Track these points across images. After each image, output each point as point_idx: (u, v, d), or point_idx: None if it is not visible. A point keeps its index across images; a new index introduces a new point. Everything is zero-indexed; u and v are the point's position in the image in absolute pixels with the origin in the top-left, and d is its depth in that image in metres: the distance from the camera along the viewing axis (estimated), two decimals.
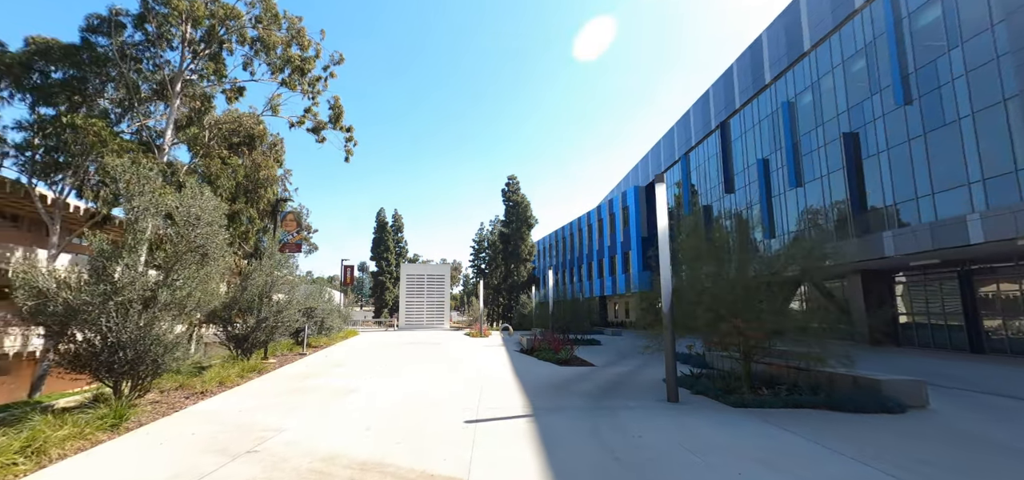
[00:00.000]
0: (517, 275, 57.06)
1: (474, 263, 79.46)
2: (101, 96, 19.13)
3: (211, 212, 7.98)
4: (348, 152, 23.12)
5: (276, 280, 13.38)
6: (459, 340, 23.69)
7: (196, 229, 7.63)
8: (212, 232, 7.90)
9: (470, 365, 13.04)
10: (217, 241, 8.02)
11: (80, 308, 6.41)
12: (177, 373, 8.58)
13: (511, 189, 61.64)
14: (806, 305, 11.36)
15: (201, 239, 7.71)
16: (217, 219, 8.17)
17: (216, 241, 8.00)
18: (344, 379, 10.33)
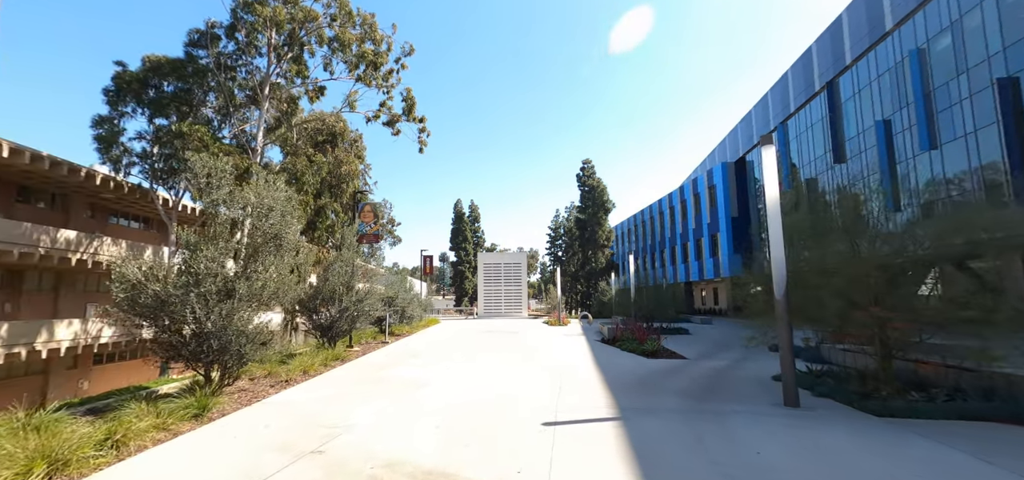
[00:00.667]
0: (595, 261, 55.45)
1: (550, 250, 78.83)
2: (204, 105, 20.84)
3: (283, 202, 7.97)
4: (422, 143, 23.37)
5: (356, 271, 13.60)
6: (537, 328, 23.14)
7: (268, 219, 7.63)
8: (285, 222, 7.88)
9: (548, 356, 12.35)
10: (289, 232, 8.00)
11: (167, 300, 6.60)
12: (261, 363, 8.77)
13: (586, 174, 59.87)
14: (944, 289, 9.23)
15: (274, 229, 7.71)
16: (289, 209, 8.16)
17: (289, 231, 7.98)
18: (420, 369, 10.11)
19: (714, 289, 43.92)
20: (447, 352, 13.38)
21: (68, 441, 4.21)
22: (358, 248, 14.15)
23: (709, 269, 40.31)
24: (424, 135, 23.28)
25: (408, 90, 22.85)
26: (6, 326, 17.96)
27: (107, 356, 25.70)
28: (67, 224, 22.84)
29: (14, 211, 20.54)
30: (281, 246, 7.88)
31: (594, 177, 59.04)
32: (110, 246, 22.91)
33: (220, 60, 20.27)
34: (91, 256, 21.74)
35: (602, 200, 56.91)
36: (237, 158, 18.09)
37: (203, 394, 6.27)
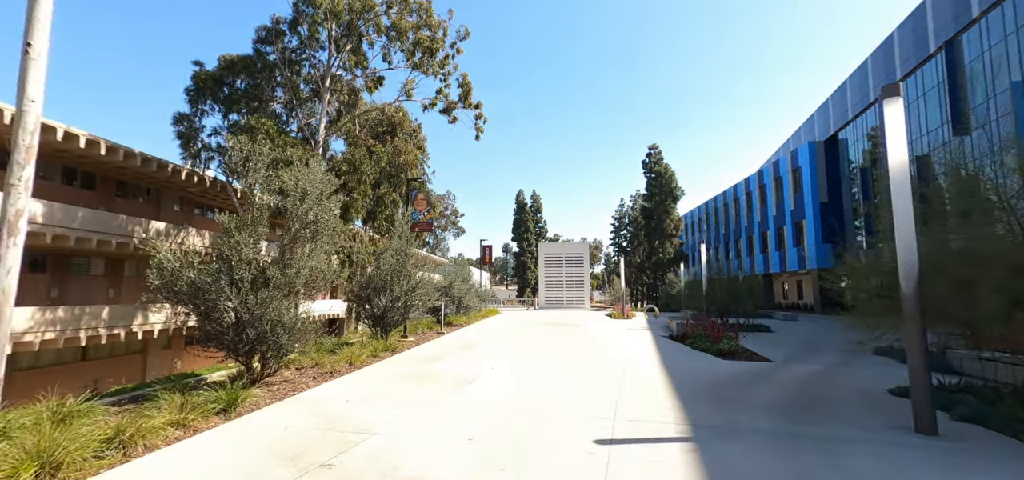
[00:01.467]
0: (662, 252, 52.62)
1: (614, 241, 76.29)
2: (272, 101, 21.61)
3: (319, 185, 7.56)
4: (478, 130, 22.86)
5: (408, 259, 13.25)
6: (599, 321, 21.92)
7: (304, 203, 7.23)
8: (321, 207, 7.47)
9: (608, 353, 11.24)
10: (327, 216, 7.58)
11: (202, 287, 6.37)
12: (303, 353, 8.51)
13: (652, 160, 56.86)
14: None
15: (311, 214, 7.32)
16: (326, 191, 7.75)
17: (326, 216, 7.56)
18: (469, 364, 9.46)
19: (798, 282, 39.93)
20: (500, 345, 12.68)
21: (75, 439, 3.89)
22: (411, 236, 13.80)
23: (792, 260, 36.61)
24: (480, 122, 22.76)
25: (464, 75, 22.38)
26: (107, 310, 19.76)
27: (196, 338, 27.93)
28: (158, 216, 24.84)
29: (113, 205, 22.59)
30: (318, 232, 7.48)
31: (661, 163, 55.93)
32: (194, 236, 24.63)
33: (285, 55, 20.90)
34: (179, 245, 23.49)
35: (670, 187, 53.80)
36: (300, 150, 18.50)
37: (235, 387, 5.94)
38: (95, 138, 18.97)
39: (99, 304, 20.70)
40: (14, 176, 7.94)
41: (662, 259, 52.23)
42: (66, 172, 20.72)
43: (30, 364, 18.99)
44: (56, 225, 17.45)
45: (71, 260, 21.08)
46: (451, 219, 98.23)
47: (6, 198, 7.76)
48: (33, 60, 8.06)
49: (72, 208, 18.17)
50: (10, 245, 7.70)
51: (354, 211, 19.43)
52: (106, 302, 21.92)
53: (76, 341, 18.82)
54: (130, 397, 6.83)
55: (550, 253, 39.54)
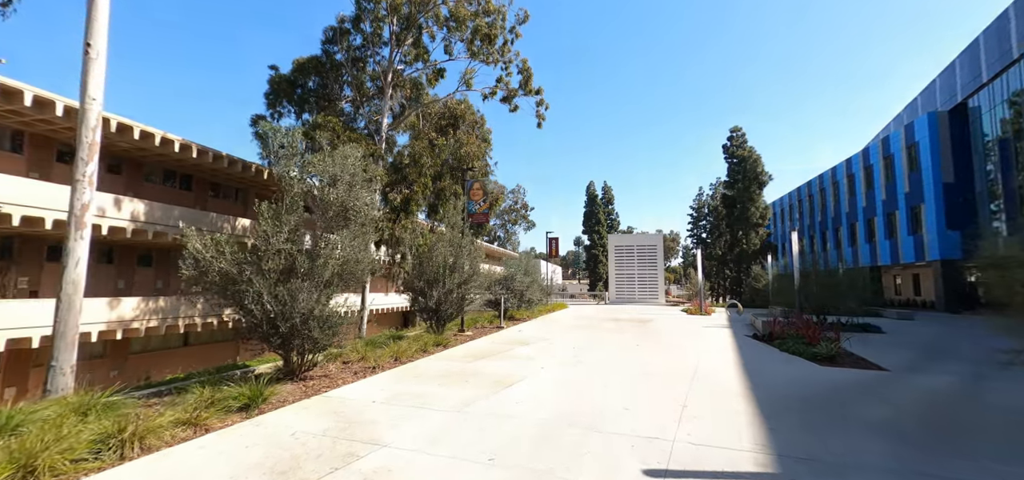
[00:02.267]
0: (746, 243, 48.38)
1: (692, 232, 71.82)
2: (339, 99, 22.28)
3: (351, 169, 7.17)
4: (540, 117, 21.99)
5: (462, 251, 12.76)
6: (673, 318, 20.22)
7: (335, 189, 6.87)
8: (352, 193, 7.07)
9: (679, 354, 9.94)
10: (359, 203, 7.17)
11: (232, 277, 6.20)
12: (338, 347, 8.23)
13: (735, 143, 52.38)
14: None
15: (340, 200, 6.94)
16: (358, 176, 7.34)
17: (358, 203, 7.16)
18: (518, 363, 8.71)
19: (914, 275, 34.64)
20: (557, 342, 11.80)
21: (63, 440, 3.66)
22: (465, 226, 13.31)
23: (907, 250, 31.74)
24: (542, 109, 21.87)
25: (524, 61, 21.62)
26: (201, 301, 21.55)
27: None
28: (245, 214, 26.78)
29: (207, 204, 24.67)
30: (350, 220, 7.10)
31: (745, 147, 51.37)
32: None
33: (351, 54, 21.43)
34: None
35: (755, 172, 49.26)
36: (363, 145, 18.83)
37: (260, 383, 5.66)
38: (188, 142, 20.70)
39: (195, 295, 22.72)
40: (79, 171, 8.37)
41: (746, 251, 48.06)
42: (166, 174, 22.88)
43: (141, 348, 21.22)
44: (156, 222, 19.22)
45: (171, 254, 23.27)
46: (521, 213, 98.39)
47: (72, 193, 8.20)
48: (93, 60, 8.46)
49: (170, 207, 19.93)
50: (78, 238, 8.13)
51: (415, 204, 19.48)
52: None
53: (176, 328, 20.70)
54: (178, 387, 6.89)
55: (620, 245, 37.73)
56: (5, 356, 16.04)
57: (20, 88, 15.26)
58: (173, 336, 22.22)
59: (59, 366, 7.46)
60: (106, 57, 7.74)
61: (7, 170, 15.82)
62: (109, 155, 20.06)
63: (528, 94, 21.85)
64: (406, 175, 19.54)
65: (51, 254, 18.65)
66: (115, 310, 17.50)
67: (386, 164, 20.03)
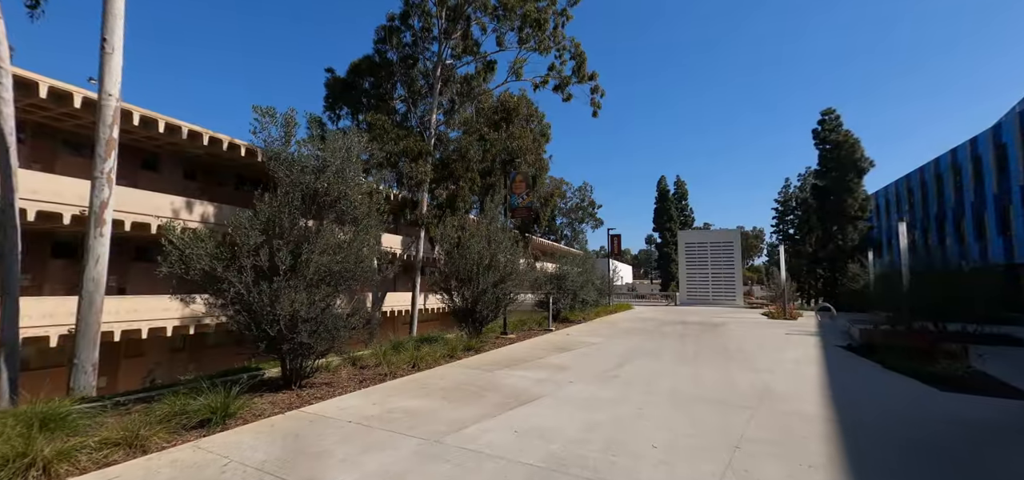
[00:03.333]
0: (842, 238, 42.92)
1: (777, 228, 65.74)
2: (392, 98, 22.31)
3: (342, 156, 6.44)
4: (594, 105, 20.53)
5: (499, 247, 11.81)
6: (749, 322, 17.88)
7: (322, 177, 6.17)
8: (343, 182, 6.34)
9: (747, 368, 8.23)
10: (352, 192, 6.43)
11: (214, 276, 5.71)
12: (338, 352, 7.56)
13: (827, 127, 46.71)
14: None
15: (332, 191, 6.24)
16: (350, 164, 6.60)
17: (351, 192, 6.42)
18: (544, 374, 7.59)
19: None
20: (603, 350, 10.47)
21: None
22: (504, 220, 12.36)
23: None
24: (597, 96, 20.40)
25: (577, 45, 20.26)
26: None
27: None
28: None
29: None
30: (342, 212, 6.39)
31: (840, 131, 45.65)
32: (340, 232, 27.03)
33: (402, 51, 21.35)
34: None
35: (852, 158, 43.55)
36: (410, 142, 18.55)
37: (229, 394, 5.03)
38: (254, 147, 21.73)
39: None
40: (97, 169, 8.37)
41: (842, 247, 42.65)
42: (238, 178, 24.28)
43: (216, 342, 22.61)
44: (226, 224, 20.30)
45: None
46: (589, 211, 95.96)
47: (92, 191, 8.28)
48: (109, 55, 8.44)
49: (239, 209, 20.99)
50: (98, 236, 8.13)
51: (461, 200, 18.89)
52: None
53: None
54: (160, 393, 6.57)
55: (691, 242, 34.90)
56: None
57: (71, 89, 16.26)
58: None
59: (81, 364, 7.47)
60: (122, 52, 7.70)
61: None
62: (183, 161, 21.54)
63: (581, 81, 20.48)
64: (452, 170, 19.01)
65: (57, 251, 18.42)
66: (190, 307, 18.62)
67: (434, 161, 19.63)
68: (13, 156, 7.81)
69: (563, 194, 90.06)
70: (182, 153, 20.93)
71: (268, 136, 6.23)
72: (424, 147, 18.91)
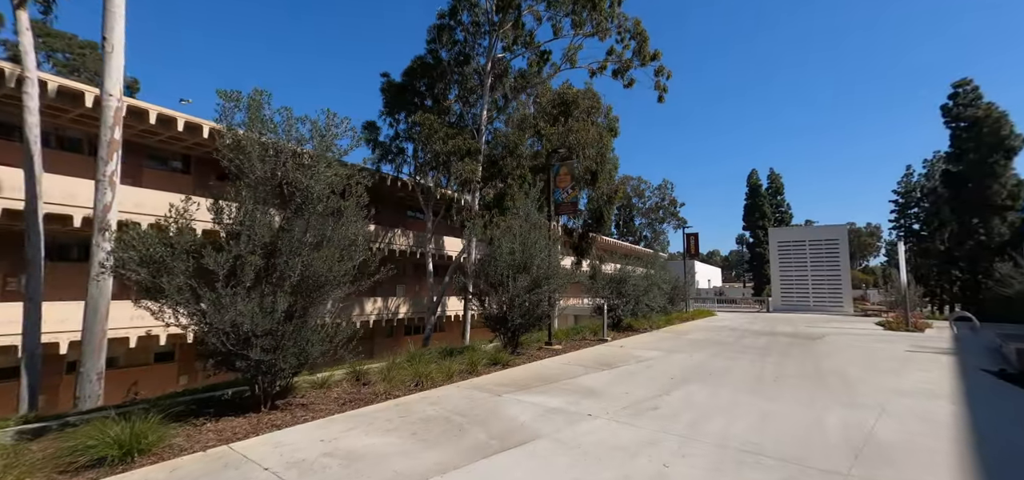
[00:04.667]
0: (985, 232, 35.57)
1: (897, 223, 56.83)
2: (445, 99, 21.83)
3: (297, 135, 5.51)
4: (660, 88, 18.35)
5: (538, 247, 10.46)
6: (858, 335, 14.75)
7: (263, 165, 5.26)
8: (310, 174, 5.41)
9: (845, 405, 6.11)
10: (318, 186, 5.48)
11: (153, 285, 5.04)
12: (317, 368, 6.66)
13: (961, 102, 39.26)
14: None
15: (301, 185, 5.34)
16: (321, 153, 5.66)
17: (317, 186, 5.48)
18: (565, 401, 6.15)
19: None
20: (657, 367, 8.71)
21: None
22: (544, 217, 11.01)
23: None
24: (662, 78, 18.21)
25: (637, 22, 18.22)
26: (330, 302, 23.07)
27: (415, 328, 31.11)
28: (379, 221, 28.36)
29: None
30: (304, 210, 5.48)
31: (979, 105, 38.14)
32: (400, 237, 27.25)
33: (454, 49, 20.80)
34: (386, 245, 26.26)
35: (998, 136, 36.04)
36: (460, 141, 17.82)
37: (135, 425, 4.20)
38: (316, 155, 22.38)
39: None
40: (100, 171, 8.19)
41: (985, 243, 35.33)
42: None
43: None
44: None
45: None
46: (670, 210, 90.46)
47: (95, 194, 8.21)
48: (108, 54, 8.23)
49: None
50: (102, 240, 8.14)
51: (510, 198, 17.72)
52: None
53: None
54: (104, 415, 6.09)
55: (786, 241, 30.71)
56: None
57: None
58: None
59: (86, 373, 7.33)
60: (123, 50, 7.56)
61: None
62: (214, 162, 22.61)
63: (644, 63, 18.41)
64: (500, 167, 17.95)
65: (58, 253, 17.66)
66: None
67: (484, 159, 18.74)
68: (38, 163, 7.93)
69: (641, 193, 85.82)
70: (210, 154, 21.89)
71: (232, 122, 5.50)
72: (473, 145, 18.08)
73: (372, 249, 6.55)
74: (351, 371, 7.60)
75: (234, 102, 5.56)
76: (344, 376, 7.50)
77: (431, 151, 18.69)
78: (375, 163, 21.64)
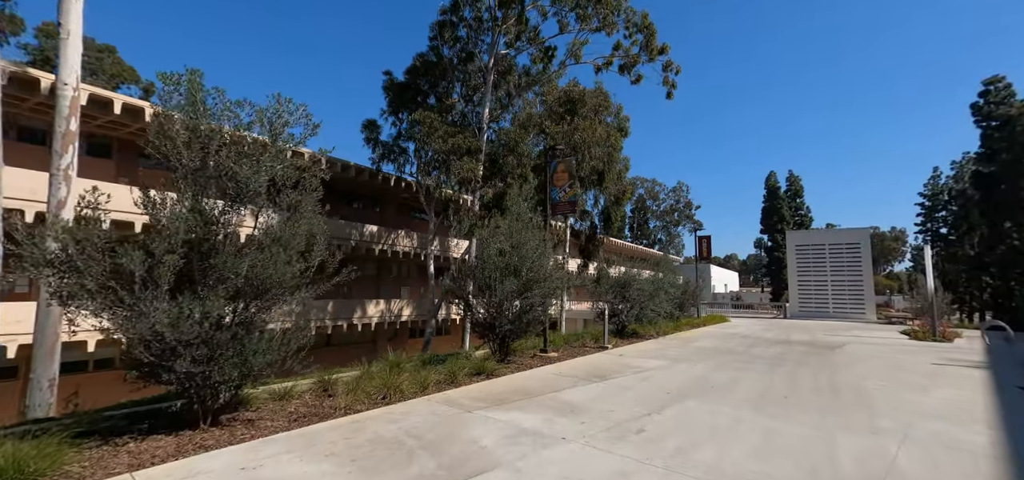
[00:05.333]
0: (1018, 237, 33.71)
1: (924, 226, 54.50)
2: (449, 97, 21.32)
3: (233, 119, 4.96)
4: (669, 85, 17.57)
5: (529, 249, 9.82)
6: (880, 345, 13.76)
7: (188, 151, 4.69)
8: (245, 164, 4.85)
9: (861, 430, 5.34)
10: (255, 180, 4.92)
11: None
12: (329, 374, 6.08)
13: (994, 100, 37.43)
14: None
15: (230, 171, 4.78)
16: (263, 143, 5.11)
17: (257, 180, 4.91)
18: (535, 419, 5.51)
19: None
20: (653, 380, 8.00)
21: None
22: (538, 215, 10.38)
23: None
24: (671, 74, 17.41)
25: (644, 16, 17.44)
26: (332, 304, 22.74)
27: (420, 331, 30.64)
28: (382, 222, 27.97)
29: (344, 212, 26.30)
30: (240, 202, 4.93)
31: (1012, 102, 36.29)
32: (403, 238, 26.81)
33: (456, 46, 20.30)
34: (390, 246, 25.83)
35: None
36: (460, 139, 17.28)
37: (46, 443, 3.72)
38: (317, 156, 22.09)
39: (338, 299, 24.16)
40: (54, 165, 7.84)
41: (1019, 249, 33.51)
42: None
43: None
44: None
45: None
46: (685, 213, 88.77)
47: (49, 189, 7.82)
48: (64, 40, 7.80)
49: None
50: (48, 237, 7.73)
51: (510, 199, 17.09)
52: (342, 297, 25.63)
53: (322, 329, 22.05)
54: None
55: (804, 245, 29.51)
56: None
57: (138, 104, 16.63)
58: (318, 336, 23.92)
59: (37, 379, 6.92)
60: (80, 38, 7.16)
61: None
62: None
63: (651, 57, 17.63)
64: (500, 166, 17.34)
65: None
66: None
67: (486, 157, 18.16)
68: None
69: (655, 195, 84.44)
70: None
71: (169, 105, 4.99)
72: (474, 143, 17.53)
73: (334, 251, 5.96)
74: (318, 381, 7.07)
75: (174, 85, 5.06)
76: (309, 387, 6.96)
77: (431, 149, 18.16)
78: (376, 162, 21.23)
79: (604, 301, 14.58)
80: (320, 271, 5.74)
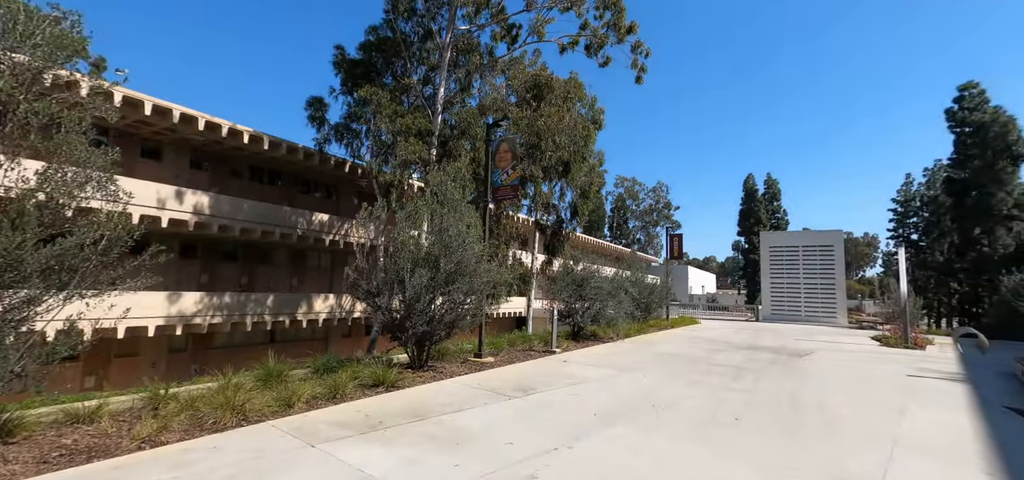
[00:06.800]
0: (990, 243, 33.60)
1: (896, 233, 54.71)
2: (408, 76, 19.63)
3: None
4: (639, 69, 16.30)
5: (454, 238, 8.38)
6: (851, 352, 12.73)
7: None
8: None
9: (826, 464, 4.05)
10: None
11: None
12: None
13: (967, 106, 37.27)
14: None
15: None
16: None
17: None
18: (395, 458, 4.09)
19: None
20: (583, 397, 6.64)
21: None
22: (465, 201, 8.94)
23: None
24: (640, 56, 16.12)
25: None
26: (272, 297, 20.91)
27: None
28: (338, 212, 26.08)
29: (296, 200, 24.42)
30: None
31: (985, 109, 36.16)
32: (357, 228, 25.01)
33: (414, 20, 18.71)
34: (342, 237, 24.05)
35: (1007, 142, 34.08)
36: (409, 119, 15.73)
37: None
38: (278, 140, 20.35)
39: (283, 293, 22.37)
40: None
41: (988, 255, 33.37)
42: (253, 171, 23.10)
43: (225, 343, 21.35)
44: (223, 216, 18.85)
45: (261, 251, 23.35)
46: (664, 213, 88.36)
47: None
48: None
49: (238, 200, 19.53)
50: None
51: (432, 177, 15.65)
52: (289, 290, 23.81)
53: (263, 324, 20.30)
54: None
55: (778, 246, 28.72)
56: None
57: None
58: (258, 332, 21.96)
59: None
60: None
61: None
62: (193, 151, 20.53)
63: (620, 38, 16.32)
64: (451, 151, 15.86)
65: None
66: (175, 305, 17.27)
67: (438, 140, 16.63)
68: None
69: (635, 194, 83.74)
70: (186, 141, 19.85)
71: None
72: (425, 125, 15.99)
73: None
74: (151, 396, 5.50)
75: None
76: (136, 402, 5.40)
77: (381, 130, 16.53)
78: (320, 143, 19.49)
79: (560, 299, 13.26)
80: (104, 253, 4.18)
